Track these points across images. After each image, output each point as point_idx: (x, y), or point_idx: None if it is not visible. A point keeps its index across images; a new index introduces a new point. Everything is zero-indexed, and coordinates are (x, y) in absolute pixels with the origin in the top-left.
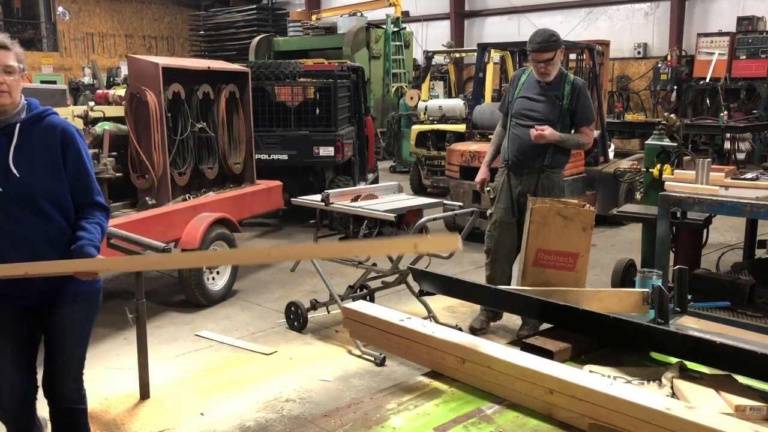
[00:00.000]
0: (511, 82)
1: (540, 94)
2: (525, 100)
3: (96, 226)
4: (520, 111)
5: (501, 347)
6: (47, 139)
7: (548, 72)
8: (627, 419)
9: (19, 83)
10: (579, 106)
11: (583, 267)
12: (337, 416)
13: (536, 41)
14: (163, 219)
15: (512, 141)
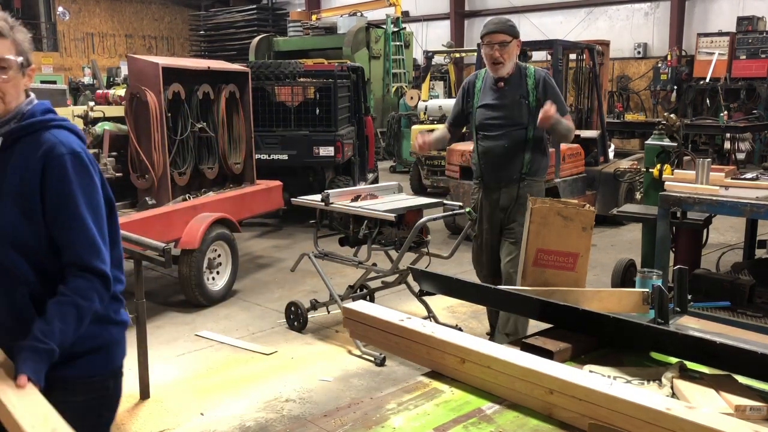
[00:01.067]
0: (465, 91)
1: (500, 97)
2: (485, 110)
3: (68, 308)
4: (484, 122)
5: (501, 347)
6: (28, 162)
7: (502, 59)
8: (627, 419)
9: (18, 83)
10: (548, 97)
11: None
12: (337, 416)
13: (491, 22)
14: (163, 219)
15: (483, 156)
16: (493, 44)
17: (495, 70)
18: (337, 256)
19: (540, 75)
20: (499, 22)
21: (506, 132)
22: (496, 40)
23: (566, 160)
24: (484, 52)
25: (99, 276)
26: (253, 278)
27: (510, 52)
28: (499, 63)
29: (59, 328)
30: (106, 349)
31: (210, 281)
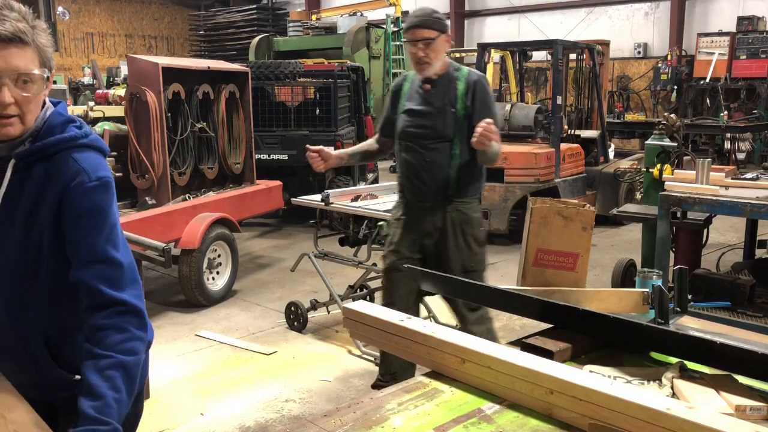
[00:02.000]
0: (392, 93)
1: (424, 103)
2: (408, 116)
3: (114, 372)
4: (405, 130)
5: (501, 347)
6: (48, 189)
7: (427, 58)
8: (627, 419)
9: (39, 100)
10: (478, 107)
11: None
12: (337, 416)
13: (414, 15)
14: (163, 219)
15: (404, 169)
16: (417, 42)
17: (420, 71)
18: (337, 256)
19: (472, 79)
20: (422, 15)
21: (429, 144)
22: (419, 36)
23: (566, 160)
24: (407, 50)
25: (133, 312)
26: (253, 278)
27: (437, 49)
28: (424, 63)
29: (114, 398)
30: None
31: (210, 281)
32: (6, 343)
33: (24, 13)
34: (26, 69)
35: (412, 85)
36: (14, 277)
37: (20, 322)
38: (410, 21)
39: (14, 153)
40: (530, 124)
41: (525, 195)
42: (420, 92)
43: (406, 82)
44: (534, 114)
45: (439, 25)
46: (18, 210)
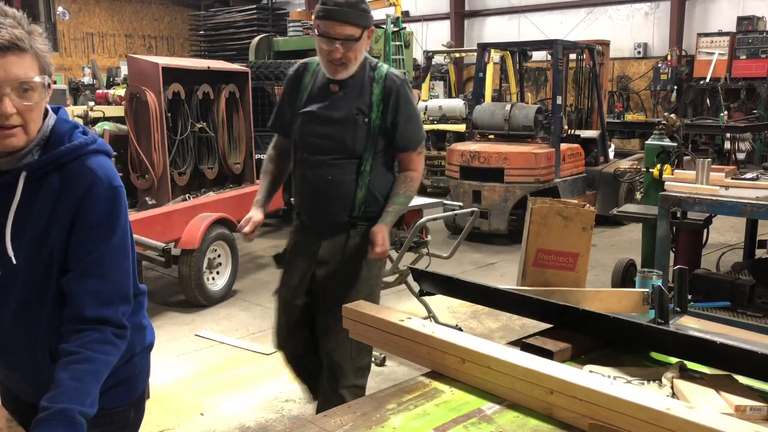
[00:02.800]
0: (290, 83)
1: (330, 107)
2: (308, 120)
3: (79, 366)
4: (307, 138)
5: (501, 347)
6: (64, 200)
7: (345, 59)
8: (627, 419)
9: (41, 108)
10: (400, 118)
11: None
12: (337, 416)
13: (337, 3)
14: (163, 219)
15: (301, 185)
16: (335, 39)
17: (333, 72)
18: None
19: (394, 83)
20: (345, 4)
21: (332, 160)
22: (339, 33)
23: (566, 160)
24: (318, 45)
25: (116, 327)
26: (253, 278)
27: (359, 49)
28: (340, 65)
29: (72, 387)
30: (128, 380)
31: (210, 281)
32: (12, 352)
33: (19, 18)
34: (26, 77)
35: (315, 78)
36: (24, 289)
37: (27, 333)
38: (327, 10)
39: (24, 164)
40: (530, 124)
41: (525, 195)
42: (325, 91)
43: (308, 73)
44: (534, 114)
45: (365, 20)
46: (31, 222)
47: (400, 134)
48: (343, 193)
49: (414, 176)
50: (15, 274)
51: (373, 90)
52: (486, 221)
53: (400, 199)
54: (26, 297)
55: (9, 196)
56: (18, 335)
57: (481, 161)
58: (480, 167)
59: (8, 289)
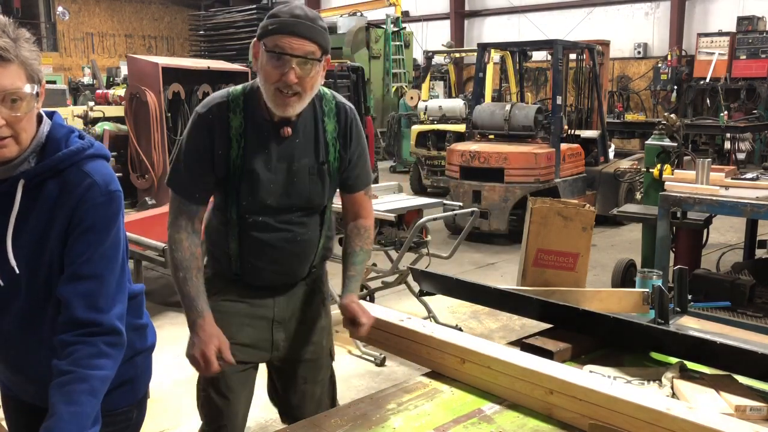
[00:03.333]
0: (206, 132)
1: (289, 156)
2: (257, 178)
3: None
4: (262, 200)
5: (501, 347)
6: (61, 205)
7: (300, 88)
8: (627, 419)
9: (32, 118)
10: (354, 154)
11: (583, 267)
12: (337, 416)
13: (291, 13)
14: (163, 219)
15: (252, 249)
16: (291, 57)
17: (281, 106)
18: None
19: (347, 114)
20: (306, 19)
21: (298, 217)
22: (298, 50)
23: (566, 160)
24: (264, 69)
25: (108, 334)
26: None
27: (316, 78)
28: (294, 95)
29: (68, 413)
30: (130, 381)
31: None
32: (16, 356)
33: (3, 25)
34: (14, 87)
35: (247, 120)
36: (27, 295)
37: (31, 337)
38: (283, 23)
39: (21, 172)
40: (530, 124)
41: (525, 195)
42: (271, 137)
43: (234, 115)
44: (534, 114)
45: (326, 40)
46: (30, 229)
47: (350, 173)
48: (309, 250)
49: (367, 225)
50: (17, 281)
51: (326, 126)
52: (486, 221)
53: (359, 258)
54: (29, 302)
55: (8, 205)
56: (22, 340)
57: (481, 161)
58: (480, 167)
59: (11, 296)
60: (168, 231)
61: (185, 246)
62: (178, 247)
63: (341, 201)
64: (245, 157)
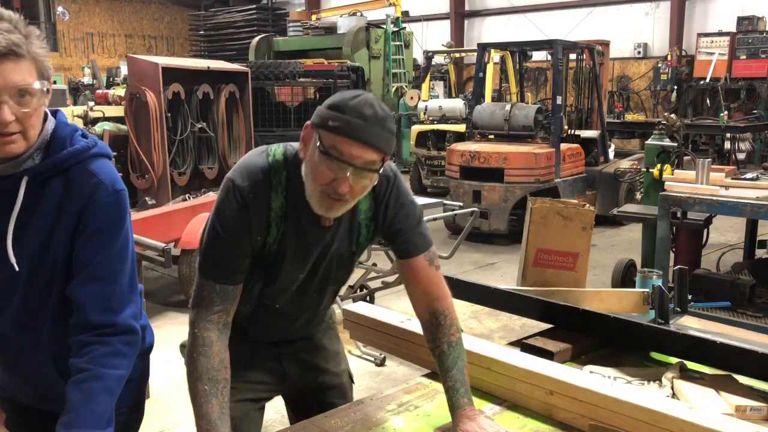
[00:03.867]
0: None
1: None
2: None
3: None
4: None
5: (501, 348)
6: (66, 205)
7: (350, 197)
8: (627, 420)
9: (40, 114)
10: (395, 223)
11: (583, 267)
12: (337, 417)
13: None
14: (163, 219)
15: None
16: (347, 165)
17: (327, 209)
18: None
19: (385, 186)
20: (376, 121)
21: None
22: (358, 159)
23: (566, 160)
24: (316, 167)
25: (124, 333)
26: None
27: (370, 183)
28: (341, 202)
29: (86, 410)
30: (129, 382)
31: None
32: (14, 358)
33: (15, 21)
34: (24, 83)
35: (290, 202)
36: (25, 295)
37: (29, 339)
38: (349, 124)
39: (25, 169)
40: (530, 124)
41: (525, 195)
42: (312, 226)
43: (276, 194)
44: (534, 114)
45: (390, 146)
46: (34, 228)
47: (404, 237)
48: (321, 316)
49: (443, 309)
50: (16, 280)
51: (360, 206)
52: (486, 221)
53: (451, 360)
54: (28, 303)
55: (10, 202)
56: (20, 341)
57: (481, 161)
58: (480, 167)
59: (9, 295)
60: (193, 328)
61: (215, 350)
62: (205, 351)
63: (401, 276)
64: (281, 243)
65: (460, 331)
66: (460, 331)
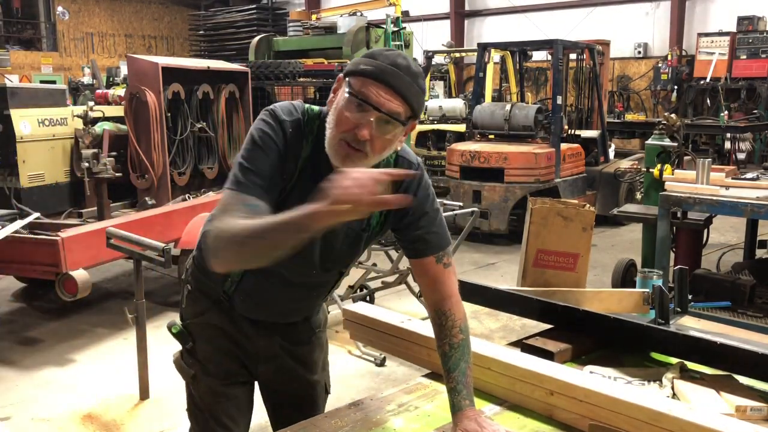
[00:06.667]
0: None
1: None
2: None
3: None
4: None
5: (501, 348)
6: None
7: (370, 149)
8: (628, 420)
9: None
10: (412, 216)
11: (583, 267)
12: (337, 417)
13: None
14: (162, 219)
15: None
16: (372, 109)
17: (343, 158)
18: None
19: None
20: (408, 72)
21: (311, 278)
22: (384, 104)
23: (566, 160)
24: (340, 110)
25: None
26: None
27: (393, 141)
28: (358, 152)
29: None
30: None
31: None
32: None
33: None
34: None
35: (314, 155)
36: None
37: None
38: (380, 68)
39: None
40: (530, 124)
41: (525, 195)
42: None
43: (306, 142)
44: (534, 114)
45: (420, 104)
46: None
47: (409, 234)
48: (311, 307)
49: (447, 309)
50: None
51: None
52: (486, 221)
53: (453, 360)
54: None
55: None
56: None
57: (481, 161)
58: (480, 167)
59: None
60: (206, 227)
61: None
62: (227, 224)
63: (412, 271)
64: (294, 194)
65: (465, 333)
66: (465, 333)
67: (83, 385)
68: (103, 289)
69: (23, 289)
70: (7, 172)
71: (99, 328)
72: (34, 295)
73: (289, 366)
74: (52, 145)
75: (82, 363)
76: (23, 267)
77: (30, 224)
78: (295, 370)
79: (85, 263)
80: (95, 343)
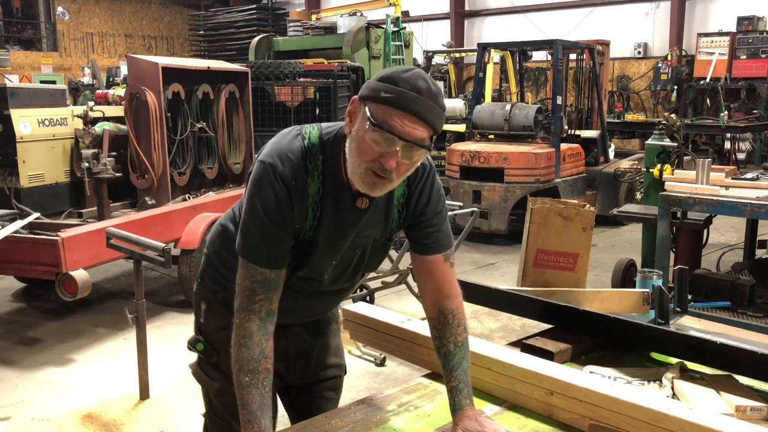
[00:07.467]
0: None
1: (359, 229)
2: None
3: None
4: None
5: (501, 348)
6: None
7: (396, 176)
8: (627, 420)
9: None
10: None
11: (583, 267)
12: (337, 417)
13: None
14: (162, 219)
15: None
16: (398, 140)
17: (371, 187)
18: None
19: (419, 174)
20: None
21: (341, 285)
22: (410, 134)
23: (566, 160)
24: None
25: None
26: None
27: (417, 161)
28: (384, 181)
29: None
30: None
31: None
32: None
33: None
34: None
35: (324, 185)
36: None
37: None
38: (403, 96)
39: None
40: (530, 124)
41: (525, 195)
42: (347, 208)
43: (312, 180)
44: (534, 114)
45: (442, 122)
46: None
47: (420, 231)
48: (341, 300)
49: (453, 308)
50: None
51: (395, 191)
52: (486, 221)
53: (456, 359)
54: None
55: None
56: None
57: (481, 161)
58: (480, 167)
59: None
60: (236, 317)
61: (255, 341)
62: (245, 342)
63: (414, 269)
64: (317, 229)
65: (467, 332)
66: (467, 332)
67: (83, 385)
68: (103, 289)
69: (23, 289)
70: (7, 172)
71: (99, 328)
72: (34, 295)
73: (318, 356)
74: (52, 145)
75: (82, 363)
76: (23, 267)
77: (30, 224)
78: (323, 357)
79: (85, 263)
80: (95, 343)
